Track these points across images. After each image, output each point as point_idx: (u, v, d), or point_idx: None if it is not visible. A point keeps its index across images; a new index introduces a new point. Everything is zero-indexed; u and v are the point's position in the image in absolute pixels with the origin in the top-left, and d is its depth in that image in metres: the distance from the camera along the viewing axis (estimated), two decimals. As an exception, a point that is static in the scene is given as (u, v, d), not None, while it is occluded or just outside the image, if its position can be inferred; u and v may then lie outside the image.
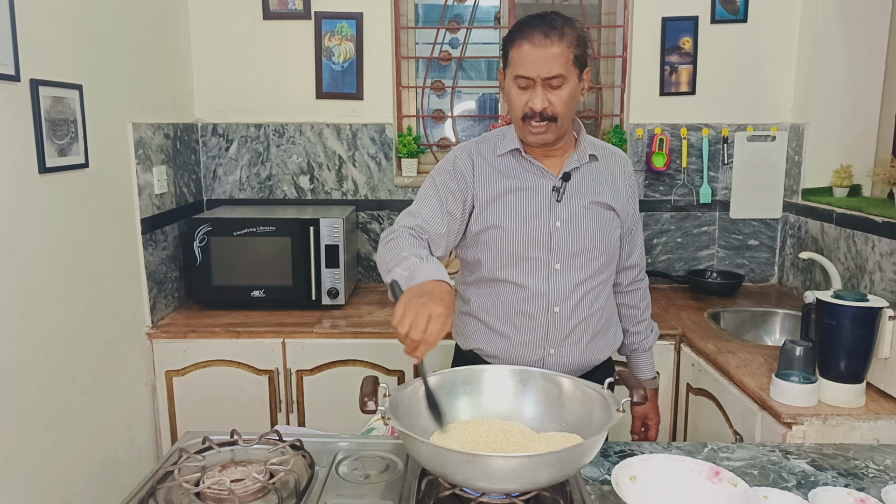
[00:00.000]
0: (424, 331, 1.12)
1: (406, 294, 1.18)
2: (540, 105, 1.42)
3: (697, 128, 2.79)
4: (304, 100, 2.77)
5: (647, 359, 1.76)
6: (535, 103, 1.42)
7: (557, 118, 1.44)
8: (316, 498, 1.17)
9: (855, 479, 1.25)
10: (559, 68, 1.40)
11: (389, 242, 1.40)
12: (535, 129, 1.45)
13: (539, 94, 1.42)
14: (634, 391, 1.17)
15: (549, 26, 1.40)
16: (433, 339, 1.13)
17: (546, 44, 1.39)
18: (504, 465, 1.01)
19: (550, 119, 1.43)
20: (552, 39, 1.39)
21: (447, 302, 1.18)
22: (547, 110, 1.42)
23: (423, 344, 1.13)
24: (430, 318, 1.13)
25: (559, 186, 1.51)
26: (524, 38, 1.41)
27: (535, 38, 1.39)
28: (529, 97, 1.43)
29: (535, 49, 1.39)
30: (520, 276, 1.52)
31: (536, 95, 1.42)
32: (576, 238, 1.51)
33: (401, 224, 1.47)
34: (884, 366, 1.66)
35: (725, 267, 2.87)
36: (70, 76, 1.87)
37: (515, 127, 1.51)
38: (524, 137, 1.49)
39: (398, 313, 1.14)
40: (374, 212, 2.85)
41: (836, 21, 2.56)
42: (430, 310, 1.13)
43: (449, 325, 1.16)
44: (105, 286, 2.06)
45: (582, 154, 1.54)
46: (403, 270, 1.28)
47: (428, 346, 1.14)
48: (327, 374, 2.33)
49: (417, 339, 1.12)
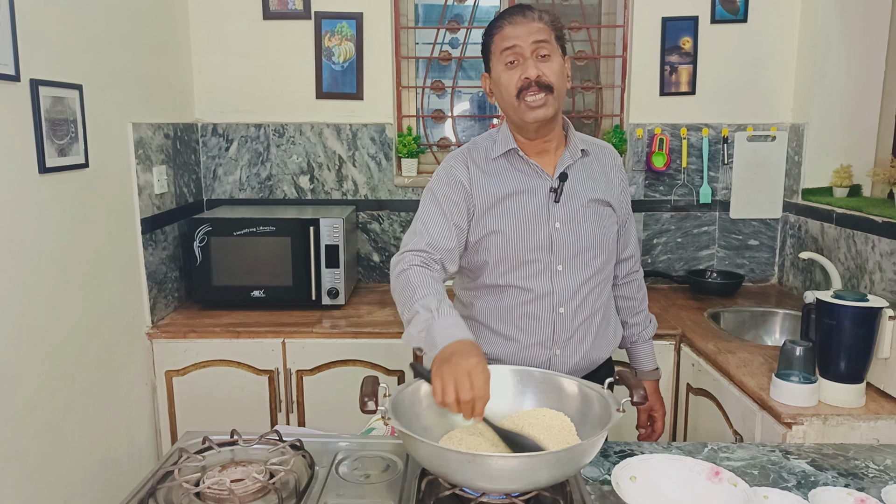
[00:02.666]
0: (472, 388, 1.10)
1: (434, 366, 1.16)
2: (534, 72, 1.42)
3: (697, 128, 2.79)
4: (304, 100, 2.77)
5: (648, 349, 1.76)
6: (530, 72, 1.42)
7: (553, 87, 1.44)
8: (316, 498, 1.17)
9: (855, 479, 1.25)
10: (544, 35, 1.43)
11: (400, 276, 1.37)
12: (533, 103, 1.43)
13: (531, 63, 1.43)
14: (634, 391, 1.17)
15: (527, 8, 1.46)
16: (482, 391, 1.11)
17: (526, 21, 1.44)
18: (504, 465, 1.01)
19: (547, 88, 1.43)
20: (530, 17, 1.44)
21: (476, 353, 1.16)
22: (542, 78, 1.42)
23: (478, 400, 1.11)
24: (469, 374, 1.11)
25: (556, 187, 1.50)
26: (503, 21, 1.46)
27: (514, 17, 1.45)
28: (521, 70, 1.43)
29: (517, 26, 1.44)
30: (523, 279, 1.51)
31: (528, 65, 1.43)
32: (576, 238, 1.51)
33: (408, 249, 1.43)
34: (884, 366, 1.66)
35: (725, 267, 2.87)
36: (70, 76, 1.87)
37: (511, 112, 1.48)
38: (522, 117, 1.46)
39: (437, 388, 1.12)
40: (374, 212, 2.85)
41: (836, 21, 2.56)
42: (465, 366, 1.12)
43: (488, 370, 1.14)
44: (105, 286, 2.06)
45: (574, 150, 1.54)
46: (419, 332, 1.25)
47: (483, 400, 1.11)
48: (327, 374, 2.33)
49: (470, 398, 1.10)
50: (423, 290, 1.31)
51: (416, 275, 1.35)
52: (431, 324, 1.23)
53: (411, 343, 1.26)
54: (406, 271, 1.37)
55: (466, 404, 1.10)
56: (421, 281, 1.34)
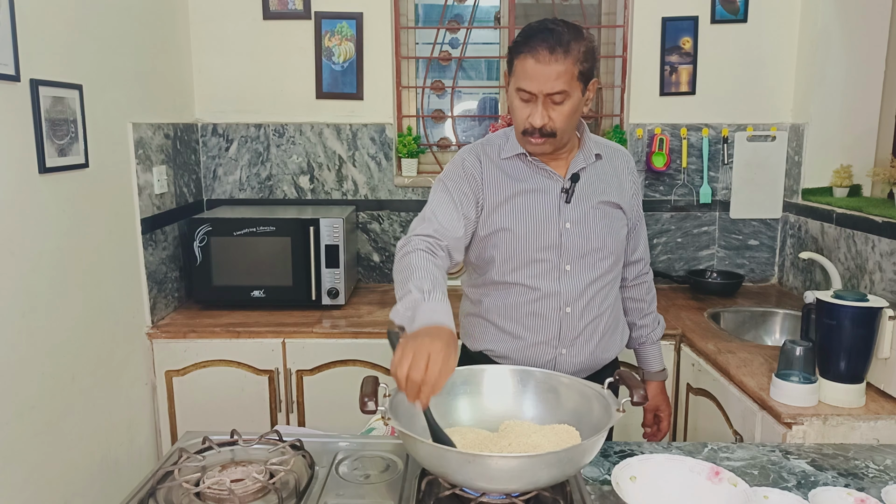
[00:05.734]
0: (425, 370, 1.07)
1: (403, 338, 1.14)
2: (539, 122, 1.41)
3: (697, 128, 2.79)
4: (304, 100, 2.77)
5: (655, 351, 1.76)
6: (535, 119, 1.41)
7: (556, 134, 1.43)
8: (316, 498, 1.17)
9: (855, 479, 1.25)
10: (562, 85, 1.38)
11: (403, 259, 1.36)
12: (533, 143, 1.45)
13: (539, 110, 1.40)
14: (634, 391, 1.17)
15: (556, 41, 1.36)
16: (434, 378, 1.07)
17: (550, 60, 1.36)
18: (504, 465, 1.01)
19: (549, 135, 1.43)
20: (557, 56, 1.36)
21: (448, 340, 1.13)
22: (546, 126, 1.41)
23: (425, 385, 1.07)
24: (429, 356, 1.07)
25: (568, 188, 1.51)
26: (529, 53, 1.37)
27: (540, 54, 1.36)
28: (530, 112, 1.41)
29: (538, 66, 1.37)
30: (531, 277, 1.51)
31: (537, 112, 1.40)
32: (586, 239, 1.51)
33: (415, 233, 1.42)
34: (884, 366, 1.66)
35: (725, 267, 2.87)
36: (70, 76, 1.87)
37: (516, 136, 1.50)
38: (524, 147, 1.49)
39: (395, 358, 1.09)
40: (374, 212, 2.85)
41: (836, 21, 2.56)
42: (429, 348, 1.08)
43: (452, 364, 1.11)
44: (105, 286, 2.05)
45: (588, 154, 1.54)
46: (405, 309, 1.22)
47: (430, 389, 1.08)
48: (327, 374, 2.33)
49: (418, 381, 1.06)
50: (421, 273, 1.30)
51: (419, 258, 1.34)
52: (419, 304, 1.21)
53: (395, 318, 1.23)
54: (410, 254, 1.36)
55: (412, 384, 1.07)
56: (421, 265, 1.32)
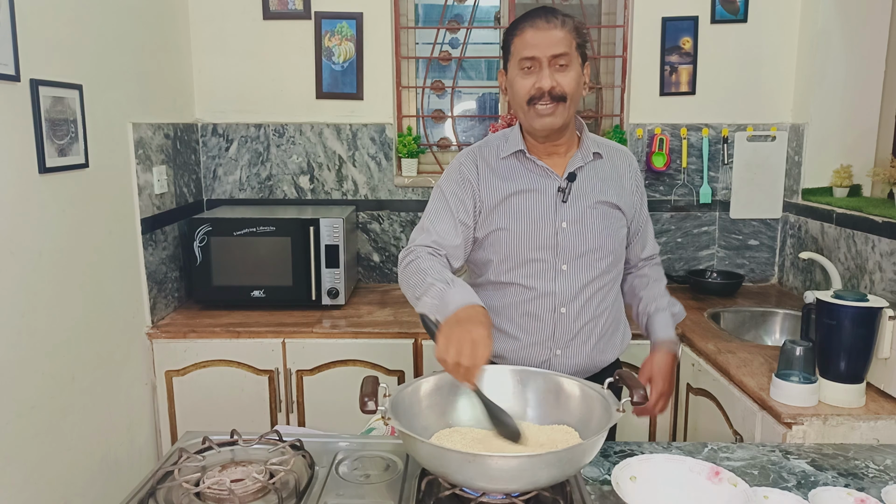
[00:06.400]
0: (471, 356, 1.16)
1: (445, 325, 1.22)
2: (548, 83, 1.41)
3: (697, 128, 2.79)
4: (304, 100, 2.77)
5: (664, 318, 1.63)
6: (544, 82, 1.41)
7: (566, 97, 1.43)
8: (316, 498, 1.17)
9: (855, 479, 1.25)
10: (564, 47, 1.41)
11: (410, 266, 1.41)
12: (542, 111, 1.43)
13: (546, 73, 1.41)
14: (634, 391, 1.17)
15: (551, 14, 1.43)
16: (481, 361, 1.17)
17: (549, 27, 1.41)
18: (504, 465, 1.01)
19: (559, 98, 1.42)
20: (554, 24, 1.41)
21: (486, 323, 1.22)
22: (555, 89, 1.42)
23: (473, 368, 1.17)
24: (473, 342, 1.17)
25: (564, 187, 1.50)
26: (527, 24, 1.42)
27: (538, 22, 1.42)
28: (536, 78, 1.42)
29: (539, 32, 1.41)
30: (526, 277, 1.51)
31: (544, 75, 1.41)
32: (582, 239, 1.50)
33: (416, 243, 1.47)
34: (884, 366, 1.66)
35: (725, 267, 2.87)
36: (70, 76, 1.87)
37: (521, 115, 1.49)
38: (531, 123, 1.46)
39: (441, 345, 1.18)
40: (374, 212, 2.85)
41: (836, 21, 2.56)
42: (473, 335, 1.17)
43: (491, 345, 1.21)
44: (105, 286, 2.05)
45: (586, 152, 1.53)
46: (432, 299, 1.31)
47: (477, 370, 1.18)
48: (327, 374, 2.33)
49: (468, 365, 1.16)
50: (436, 269, 1.38)
51: (427, 261, 1.41)
52: (445, 292, 1.30)
53: (426, 311, 1.31)
54: (415, 260, 1.42)
55: (461, 368, 1.17)
56: (432, 265, 1.40)
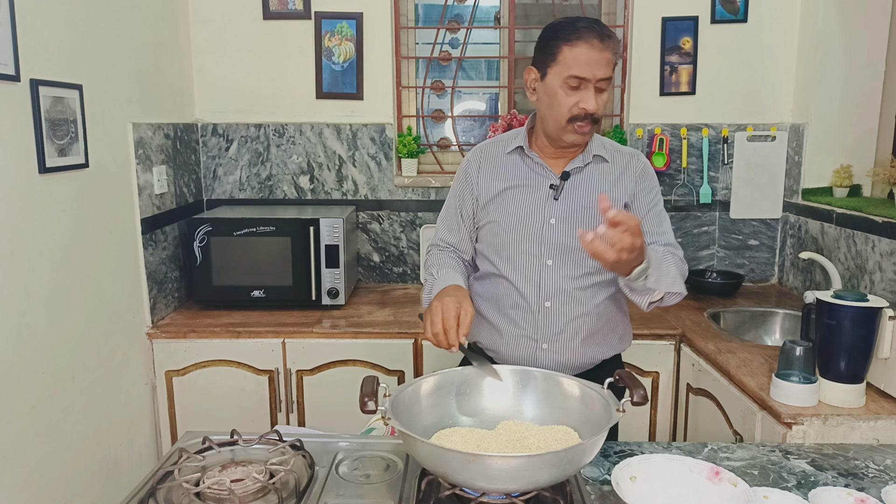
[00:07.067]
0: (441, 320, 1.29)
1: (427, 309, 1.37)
2: (593, 106, 1.43)
3: (697, 128, 2.79)
4: (304, 100, 2.77)
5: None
6: (590, 104, 1.43)
7: (600, 120, 1.49)
8: (316, 498, 1.17)
9: (855, 479, 1.25)
10: (610, 71, 1.45)
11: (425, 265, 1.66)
12: (581, 130, 1.46)
13: (591, 94, 1.43)
14: (634, 391, 1.17)
15: (604, 32, 1.43)
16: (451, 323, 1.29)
17: (602, 48, 1.41)
18: (504, 465, 1.01)
19: (596, 121, 1.47)
20: (607, 44, 1.42)
21: (452, 291, 1.37)
22: (597, 113, 1.45)
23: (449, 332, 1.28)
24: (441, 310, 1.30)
25: (557, 185, 1.53)
26: (581, 39, 1.41)
27: (593, 40, 1.41)
28: (580, 98, 1.43)
29: (593, 51, 1.41)
30: (513, 270, 1.55)
31: (590, 97, 1.43)
32: (570, 236, 1.52)
33: (431, 243, 1.69)
34: (884, 366, 1.66)
35: (725, 267, 2.87)
36: (70, 76, 1.87)
37: (552, 125, 1.49)
38: (564, 137, 1.49)
39: (426, 320, 1.33)
40: (374, 212, 2.85)
41: (836, 21, 2.56)
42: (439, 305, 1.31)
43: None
44: (105, 286, 2.05)
45: (587, 155, 1.55)
46: (426, 294, 1.51)
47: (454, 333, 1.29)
48: (327, 374, 2.33)
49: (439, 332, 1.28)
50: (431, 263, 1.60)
51: (432, 257, 1.64)
52: (433, 284, 1.49)
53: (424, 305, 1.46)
54: (427, 260, 1.66)
55: (437, 337, 1.29)
56: (433, 260, 1.61)
